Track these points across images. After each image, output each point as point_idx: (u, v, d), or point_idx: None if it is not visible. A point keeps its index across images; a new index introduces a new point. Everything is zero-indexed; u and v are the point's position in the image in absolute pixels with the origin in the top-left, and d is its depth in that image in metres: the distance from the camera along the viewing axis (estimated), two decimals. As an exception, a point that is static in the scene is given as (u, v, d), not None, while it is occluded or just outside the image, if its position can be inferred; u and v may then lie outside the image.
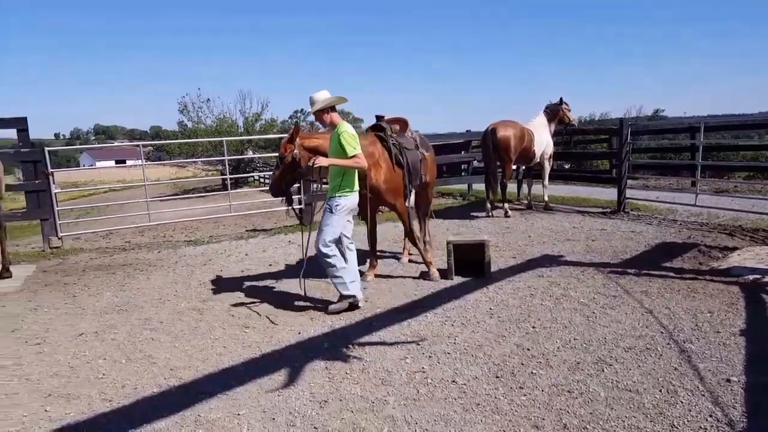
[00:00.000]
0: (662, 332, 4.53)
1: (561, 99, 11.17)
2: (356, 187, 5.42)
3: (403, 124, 6.56)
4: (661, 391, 3.59)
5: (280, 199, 5.73)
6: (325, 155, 5.34)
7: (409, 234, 6.40)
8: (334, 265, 5.24)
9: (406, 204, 6.22)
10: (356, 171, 5.38)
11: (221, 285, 6.60)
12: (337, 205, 5.26)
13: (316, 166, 5.18)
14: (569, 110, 11.25)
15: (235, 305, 5.75)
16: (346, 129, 5.28)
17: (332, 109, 5.42)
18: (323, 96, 5.35)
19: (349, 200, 5.33)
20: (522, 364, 4.07)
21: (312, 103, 5.35)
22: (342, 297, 5.36)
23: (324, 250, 5.21)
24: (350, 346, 4.53)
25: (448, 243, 6.34)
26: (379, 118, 6.40)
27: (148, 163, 11.50)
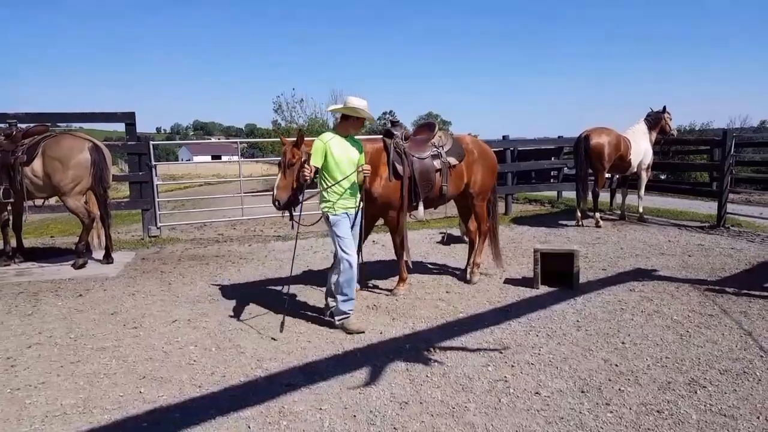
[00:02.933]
0: (762, 356, 4.28)
1: (664, 107, 10.65)
2: None
3: (428, 130, 6.25)
4: (759, 418, 3.40)
5: (283, 212, 5.26)
6: None
7: (397, 250, 5.98)
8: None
9: (416, 217, 5.88)
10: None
11: (308, 280, 6.78)
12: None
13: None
14: (671, 119, 10.73)
15: (321, 301, 5.88)
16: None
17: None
18: (361, 104, 5.04)
19: None
20: (609, 380, 3.94)
21: (361, 106, 5.01)
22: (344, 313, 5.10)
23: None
24: (431, 349, 4.53)
25: (535, 251, 6.20)
26: (393, 123, 6.10)
27: (243, 159, 12.00)
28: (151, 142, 9.92)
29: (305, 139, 5.06)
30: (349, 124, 5.09)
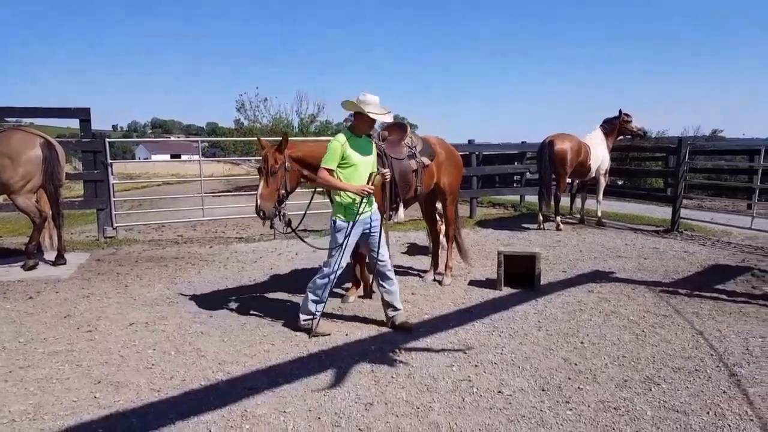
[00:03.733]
0: (712, 354, 4.43)
1: (620, 111, 10.91)
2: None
3: (400, 130, 6.06)
4: (708, 413, 3.52)
5: (269, 221, 5.04)
6: (314, 166, 4.90)
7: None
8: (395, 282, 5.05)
9: (395, 219, 5.75)
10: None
11: (271, 283, 6.70)
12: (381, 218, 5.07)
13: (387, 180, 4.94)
14: (629, 121, 10.95)
15: (284, 303, 5.82)
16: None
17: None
18: (374, 100, 4.77)
19: None
20: (569, 378, 4.01)
21: (372, 102, 4.73)
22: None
23: (390, 263, 5.06)
24: (397, 350, 4.52)
25: (498, 253, 6.29)
26: None
27: (204, 158, 11.82)
28: (107, 140, 9.66)
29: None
30: (363, 122, 4.78)
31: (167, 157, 67.95)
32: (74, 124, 9.74)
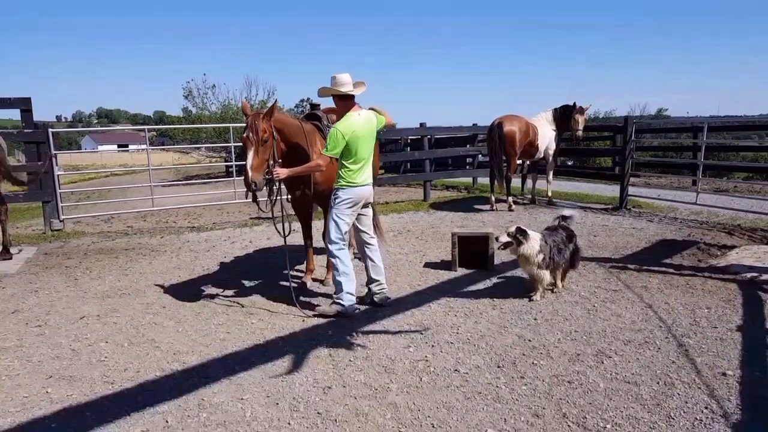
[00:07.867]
0: (661, 326, 4.57)
1: (574, 103, 10.74)
2: (359, 179, 4.84)
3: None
4: (659, 383, 3.62)
5: (257, 195, 4.92)
6: (290, 141, 4.94)
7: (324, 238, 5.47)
8: (335, 266, 4.91)
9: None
10: (356, 161, 4.78)
11: (225, 271, 6.63)
12: (335, 198, 4.86)
13: (276, 178, 4.80)
14: (578, 116, 10.65)
15: (239, 292, 5.77)
16: (339, 123, 4.74)
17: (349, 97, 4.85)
18: (343, 79, 4.76)
19: (347, 192, 4.81)
20: (523, 354, 4.09)
21: (334, 84, 4.79)
22: (333, 302, 5.00)
23: (329, 247, 4.92)
24: (354, 334, 4.54)
25: (452, 234, 6.36)
26: (314, 106, 5.89)
27: (152, 148, 11.54)
28: (51, 130, 9.34)
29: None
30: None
31: (114, 147, 65.94)
32: (15, 115, 9.39)
